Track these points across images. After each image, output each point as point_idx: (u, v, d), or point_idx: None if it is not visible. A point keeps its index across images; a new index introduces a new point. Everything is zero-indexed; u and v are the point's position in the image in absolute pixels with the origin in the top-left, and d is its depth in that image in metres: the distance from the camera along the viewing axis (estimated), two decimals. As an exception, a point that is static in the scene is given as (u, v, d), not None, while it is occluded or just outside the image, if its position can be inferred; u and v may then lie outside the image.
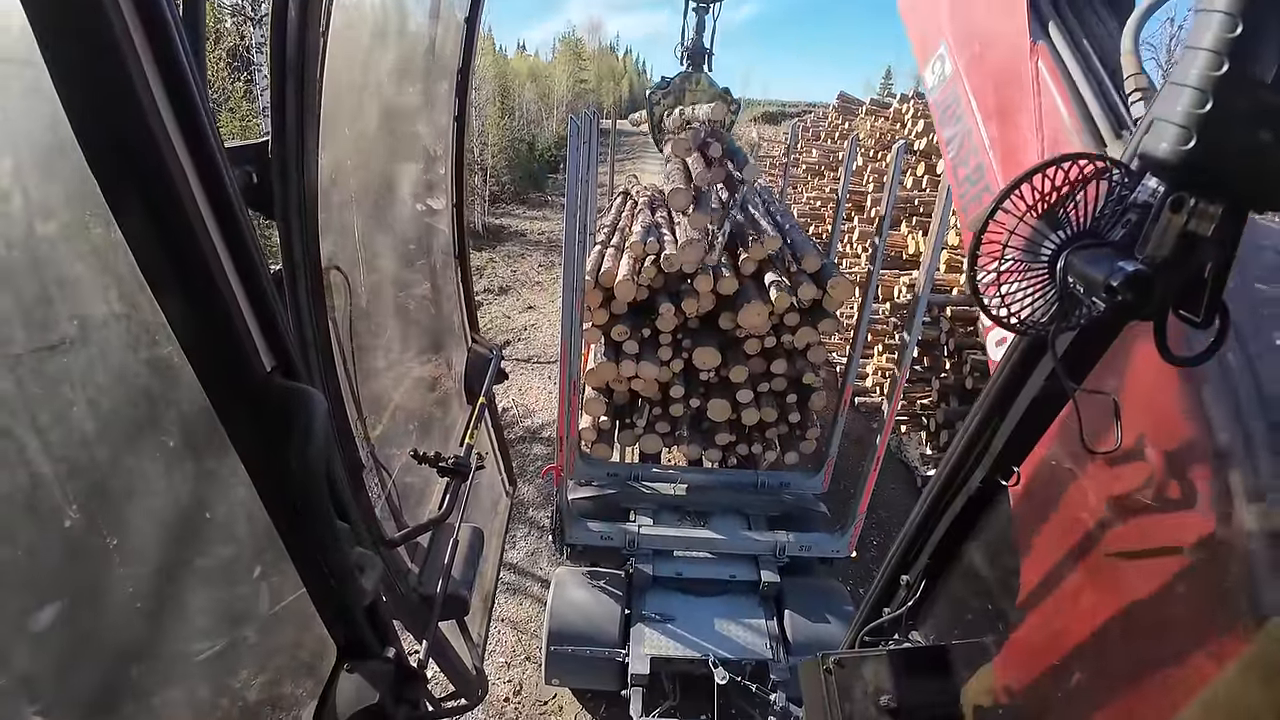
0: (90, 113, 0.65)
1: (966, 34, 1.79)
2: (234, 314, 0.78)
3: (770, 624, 4.81)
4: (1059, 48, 1.52)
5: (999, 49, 1.67)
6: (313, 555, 1.02)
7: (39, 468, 0.77)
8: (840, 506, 6.08)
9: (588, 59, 48.36)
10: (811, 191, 14.69)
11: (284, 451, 0.86)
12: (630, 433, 5.86)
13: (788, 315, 5.32)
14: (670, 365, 5.50)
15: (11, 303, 0.74)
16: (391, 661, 1.27)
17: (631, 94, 65.71)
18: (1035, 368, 1.18)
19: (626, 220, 6.50)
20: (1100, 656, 1.17)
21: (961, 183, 1.78)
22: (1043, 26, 1.56)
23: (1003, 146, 1.63)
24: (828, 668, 1.47)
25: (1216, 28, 0.73)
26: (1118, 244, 0.91)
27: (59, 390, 0.79)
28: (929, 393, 8.56)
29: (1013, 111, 1.60)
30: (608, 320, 5.39)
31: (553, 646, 4.65)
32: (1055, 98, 1.48)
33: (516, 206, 22.56)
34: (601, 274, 5.32)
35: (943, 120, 1.85)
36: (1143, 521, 1.14)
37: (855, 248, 11.51)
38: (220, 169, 0.74)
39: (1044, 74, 1.52)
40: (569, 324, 4.69)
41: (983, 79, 1.71)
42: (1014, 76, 1.60)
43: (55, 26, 0.61)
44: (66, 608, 0.84)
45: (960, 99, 1.77)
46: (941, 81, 1.85)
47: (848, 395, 5.33)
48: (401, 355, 1.92)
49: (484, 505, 2.33)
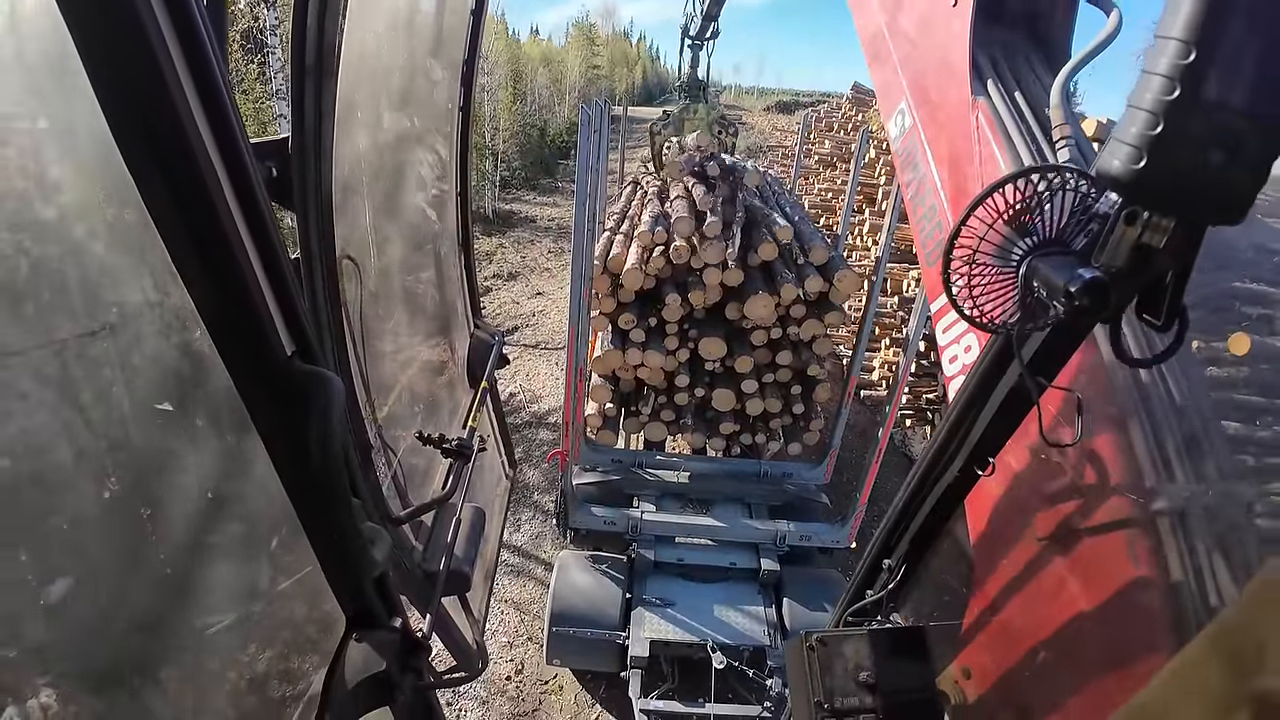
0: (127, 114, 0.69)
1: (921, 90, 2.05)
2: (257, 300, 0.82)
3: (769, 611, 4.89)
4: (995, 103, 1.75)
5: (947, 105, 1.91)
6: (327, 529, 1.07)
7: (83, 442, 0.83)
8: (842, 498, 6.14)
9: (601, 44, 47.97)
10: (823, 183, 14.62)
11: (303, 432, 0.91)
12: (635, 420, 5.92)
13: (794, 307, 5.35)
14: (676, 354, 5.55)
15: (57, 293, 0.80)
16: (398, 631, 1.32)
17: (645, 80, 65.19)
18: (1009, 365, 1.23)
19: (637, 208, 6.53)
20: (1064, 639, 1.23)
21: (920, 220, 2.02)
22: (983, 84, 1.80)
23: (951, 188, 1.87)
24: (810, 645, 1.54)
25: (1171, 54, 0.78)
26: (1079, 252, 0.98)
27: (100, 372, 0.84)
28: (935, 387, 8.57)
29: (960, 159, 1.83)
30: (615, 308, 5.44)
31: (554, 627, 4.75)
32: (993, 146, 1.69)
33: (527, 192, 22.57)
34: (610, 259, 5.36)
35: (903, 166, 2.11)
36: (1099, 510, 1.20)
37: (866, 240, 11.47)
38: (246, 164, 0.79)
39: (983, 126, 1.74)
40: (577, 311, 4.74)
41: (936, 130, 1.95)
42: (960, 129, 1.83)
43: (93, 33, 0.64)
44: (108, 573, 0.90)
45: (917, 148, 2.02)
46: (903, 132, 2.11)
47: (851, 387, 5.36)
48: (408, 340, 1.98)
49: (485, 486, 2.40)
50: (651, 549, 5.14)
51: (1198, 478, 1.03)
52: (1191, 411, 1.08)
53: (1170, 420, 1.09)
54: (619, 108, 14.20)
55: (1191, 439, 1.06)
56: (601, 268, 5.32)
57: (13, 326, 0.77)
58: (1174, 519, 1.03)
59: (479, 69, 5.31)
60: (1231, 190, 0.80)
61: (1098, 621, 1.15)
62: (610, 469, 5.70)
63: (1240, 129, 0.77)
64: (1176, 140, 0.79)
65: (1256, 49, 0.75)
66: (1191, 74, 0.77)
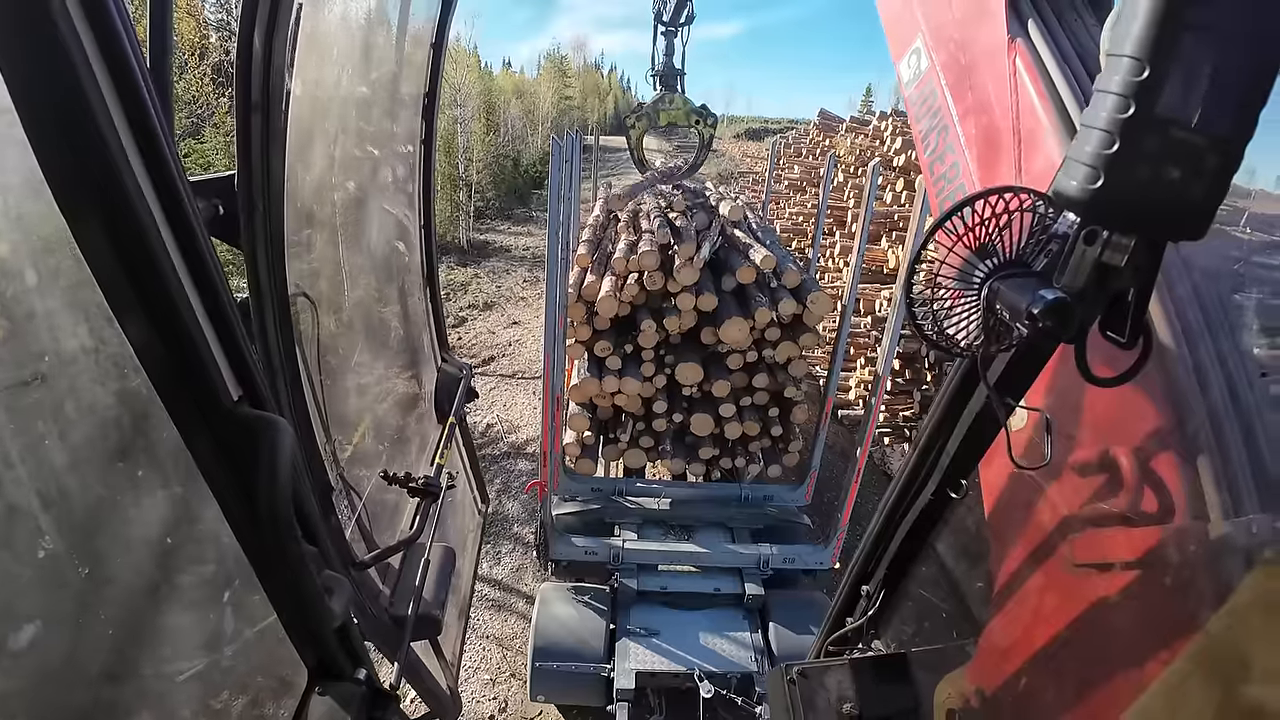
0: (54, 149, 0.67)
1: (942, 28, 1.77)
2: (199, 344, 0.79)
3: (755, 636, 4.82)
4: (1037, 45, 1.52)
5: (976, 44, 1.66)
6: (280, 579, 1.03)
7: (13, 499, 0.79)
8: (824, 518, 6.12)
9: (572, 76, 48.75)
10: (794, 207, 14.86)
11: (250, 479, 0.88)
12: (614, 448, 5.87)
13: (769, 330, 5.38)
14: (653, 380, 5.54)
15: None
16: (363, 683, 1.28)
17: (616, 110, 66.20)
18: (976, 387, 1.23)
19: (611, 236, 6.57)
20: (1083, 659, 1.20)
21: (938, 180, 1.77)
22: (1021, 23, 1.56)
23: (979, 145, 1.62)
24: (791, 678, 1.50)
25: (1124, 72, 0.78)
26: (1040, 273, 0.97)
27: (32, 424, 0.80)
28: (911, 404, 8.66)
29: (990, 109, 1.59)
30: (591, 336, 5.42)
31: (538, 663, 4.63)
32: (1032, 96, 1.47)
33: (501, 222, 22.59)
34: (585, 287, 5.36)
35: (918, 115, 1.83)
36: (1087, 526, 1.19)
37: (837, 262, 11.65)
38: (183, 202, 0.77)
39: (1021, 71, 1.51)
40: (552, 340, 4.72)
41: (959, 75, 1.70)
42: (993, 73, 1.59)
43: (22, 72, 0.63)
44: (42, 634, 0.84)
45: (936, 94, 1.75)
46: (917, 76, 1.83)
47: (829, 408, 5.38)
48: (372, 377, 1.94)
49: (456, 524, 2.34)
50: (634, 578, 5.06)
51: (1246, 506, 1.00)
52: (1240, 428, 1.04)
53: (1221, 442, 1.04)
54: (590, 138, 14.34)
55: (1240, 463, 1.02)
56: (576, 296, 5.32)
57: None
58: (1216, 545, 1.01)
59: (450, 101, 5.21)
60: (1191, 206, 0.79)
61: (1122, 643, 1.12)
62: (590, 498, 5.63)
63: (1197, 144, 0.76)
64: (1133, 158, 0.79)
65: (1210, 64, 0.74)
66: (1145, 91, 0.76)
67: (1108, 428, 1.18)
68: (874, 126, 13.49)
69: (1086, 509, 1.19)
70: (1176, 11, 0.73)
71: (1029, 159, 1.46)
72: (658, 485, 5.95)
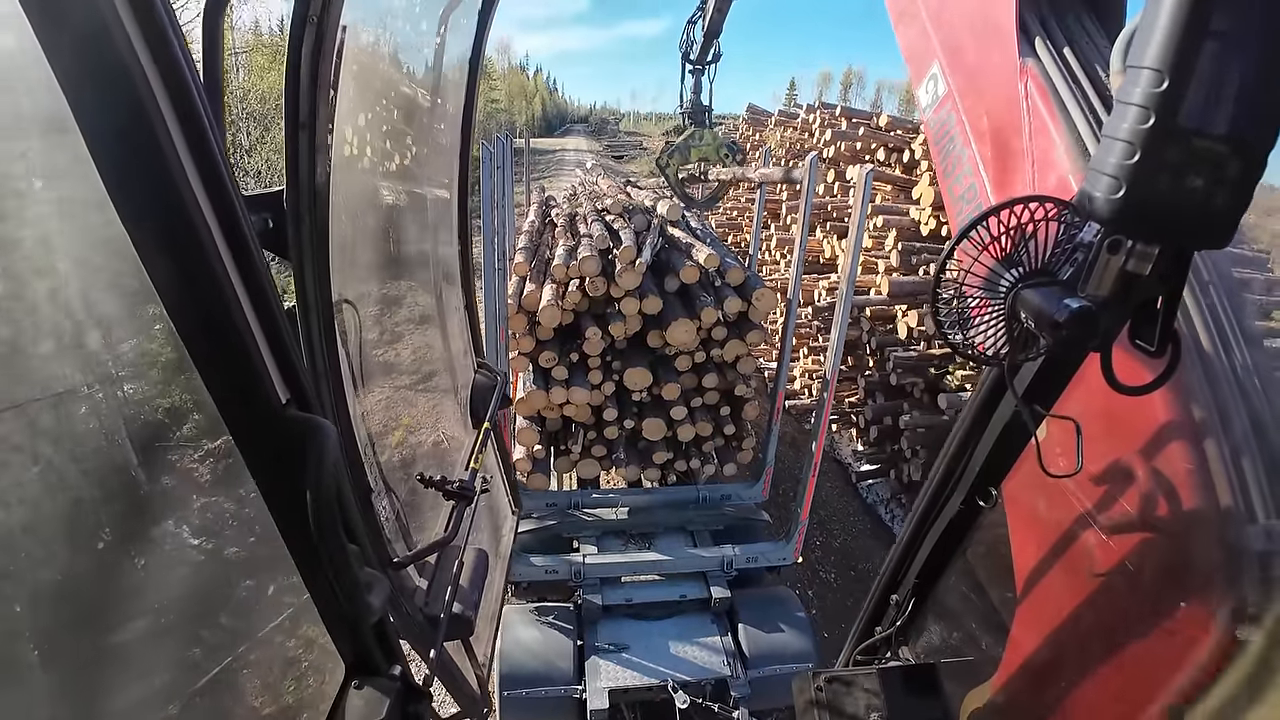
0: (121, 174, 0.73)
1: (957, 54, 1.82)
2: (252, 351, 0.85)
3: (725, 640, 4.77)
4: (1047, 67, 1.56)
5: (989, 68, 1.71)
6: (323, 575, 1.08)
7: (80, 492, 0.88)
8: (782, 512, 6.15)
9: (498, 78, 48.10)
10: (728, 202, 15.00)
11: (296, 479, 0.93)
12: (566, 459, 5.73)
13: (715, 329, 5.36)
14: (601, 388, 5.42)
15: (64, 349, 0.86)
16: (398, 679, 1.32)
17: (545, 112, 65.80)
18: (1004, 396, 1.24)
19: (548, 241, 6.40)
20: (1078, 669, 1.19)
21: (956, 201, 1.82)
22: (1031, 45, 1.60)
23: (995, 167, 1.66)
24: (819, 685, 1.50)
25: (1145, 83, 0.77)
26: (1066, 281, 0.97)
27: (90, 424, 0.90)
28: (855, 390, 8.84)
29: (1005, 131, 1.63)
30: (534, 347, 5.27)
31: (505, 692, 4.45)
32: (1045, 118, 1.51)
33: (434, 231, 22.01)
34: (525, 297, 5.19)
35: (936, 137, 1.88)
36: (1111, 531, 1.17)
37: (774, 254, 11.81)
38: (239, 217, 0.82)
39: (1033, 94, 1.55)
40: (494, 354, 4.54)
41: (975, 99, 1.75)
42: (1005, 95, 1.63)
43: (89, 97, 0.68)
44: (93, 622, 0.94)
45: (952, 118, 1.80)
46: (935, 100, 1.88)
47: (780, 402, 5.39)
48: (410, 383, 2.07)
49: (490, 527, 2.41)
50: (598, 593, 4.93)
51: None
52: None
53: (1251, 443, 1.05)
54: (520, 140, 14.10)
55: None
56: (517, 306, 5.15)
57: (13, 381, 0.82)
58: (1250, 554, 1.00)
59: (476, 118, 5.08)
60: (1214, 215, 0.80)
61: (1150, 654, 1.11)
62: (545, 514, 5.47)
63: (1219, 152, 0.76)
64: (1155, 168, 0.79)
65: (1229, 73, 0.75)
66: (1166, 101, 0.76)
67: (1135, 436, 1.18)
68: (802, 119, 13.72)
69: (1113, 518, 1.19)
70: (1195, 22, 0.74)
71: (1042, 179, 1.50)
72: (614, 494, 5.84)
